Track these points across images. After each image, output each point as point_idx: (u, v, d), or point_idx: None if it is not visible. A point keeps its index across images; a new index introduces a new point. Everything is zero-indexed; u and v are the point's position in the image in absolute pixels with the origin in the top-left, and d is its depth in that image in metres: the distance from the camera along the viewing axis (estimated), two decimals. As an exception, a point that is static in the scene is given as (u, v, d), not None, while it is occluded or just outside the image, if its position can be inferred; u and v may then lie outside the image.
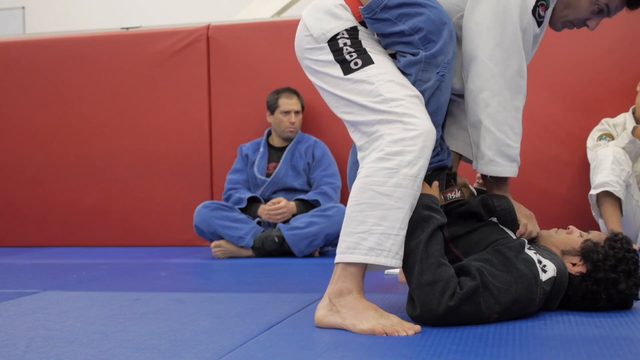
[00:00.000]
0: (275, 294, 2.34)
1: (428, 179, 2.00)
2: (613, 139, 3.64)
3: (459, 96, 2.19)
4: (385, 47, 2.04)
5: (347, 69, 1.98)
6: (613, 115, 3.79)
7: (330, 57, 2.01)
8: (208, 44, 4.46)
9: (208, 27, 4.48)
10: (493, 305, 1.80)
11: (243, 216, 3.85)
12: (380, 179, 1.84)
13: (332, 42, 2.00)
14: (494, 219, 2.04)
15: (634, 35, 3.91)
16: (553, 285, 1.90)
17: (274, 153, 4.11)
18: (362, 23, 2.02)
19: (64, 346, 1.75)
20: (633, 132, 3.48)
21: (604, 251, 1.94)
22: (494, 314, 1.82)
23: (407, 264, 1.84)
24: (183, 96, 4.48)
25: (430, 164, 1.98)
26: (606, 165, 3.38)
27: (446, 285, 1.77)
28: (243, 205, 3.92)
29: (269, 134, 4.18)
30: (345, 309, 1.82)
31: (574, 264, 1.97)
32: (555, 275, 1.89)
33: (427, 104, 1.94)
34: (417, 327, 1.77)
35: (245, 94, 4.40)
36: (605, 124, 3.73)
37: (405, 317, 1.91)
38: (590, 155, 3.67)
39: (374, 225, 1.83)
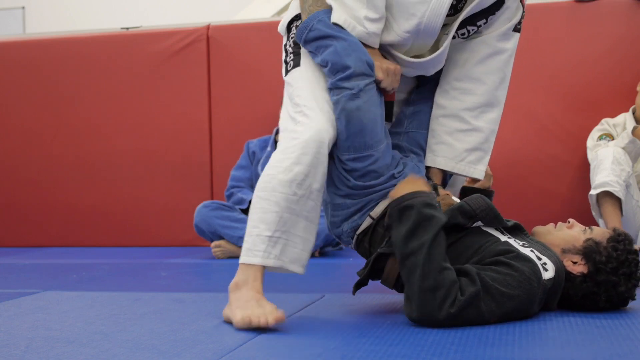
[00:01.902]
0: (275, 294, 2.33)
1: None
2: (613, 139, 3.64)
3: (443, 117, 2.22)
4: None
5: (285, 70, 2.14)
6: (613, 115, 3.79)
7: (283, 56, 2.18)
8: (208, 44, 4.46)
9: (208, 27, 4.48)
10: (494, 309, 1.79)
11: (243, 216, 3.85)
12: (262, 185, 1.97)
13: (287, 36, 2.17)
14: (479, 223, 1.98)
15: (634, 35, 3.91)
16: (552, 285, 1.89)
17: None
18: None
19: (64, 346, 1.75)
20: (633, 132, 3.48)
21: (607, 252, 1.91)
22: (495, 317, 1.81)
23: (407, 265, 1.81)
24: (183, 96, 4.48)
25: (384, 189, 2.03)
26: (606, 165, 3.38)
27: (448, 292, 1.75)
28: (244, 206, 3.91)
29: (278, 131, 4.17)
30: (234, 301, 1.93)
31: (574, 262, 1.94)
32: (554, 275, 1.88)
33: (349, 125, 1.99)
34: (280, 316, 1.83)
35: (245, 94, 4.40)
36: (605, 124, 3.73)
37: (400, 319, 1.91)
38: (590, 155, 3.67)
39: (252, 227, 1.95)
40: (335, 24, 2.06)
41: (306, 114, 1.99)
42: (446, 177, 2.29)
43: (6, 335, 1.90)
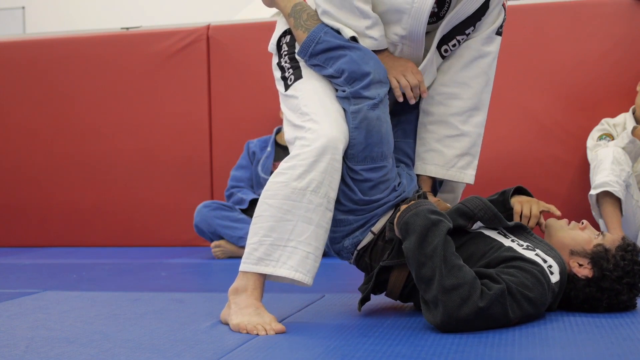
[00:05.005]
0: (275, 294, 2.34)
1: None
2: (613, 139, 3.64)
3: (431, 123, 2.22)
4: None
5: (286, 85, 2.12)
6: (613, 115, 3.79)
7: (279, 74, 2.16)
8: (208, 44, 4.45)
9: (208, 27, 4.48)
10: (516, 309, 1.77)
11: (243, 216, 3.85)
12: (272, 192, 1.94)
13: (278, 54, 2.16)
14: (478, 224, 1.98)
15: (634, 35, 3.91)
16: (558, 288, 1.89)
17: (281, 152, 4.10)
18: None
19: (64, 346, 1.75)
20: (633, 132, 3.47)
21: (615, 261, 1.91)
22: (517, 318, 1.78)
23: (425, 272, 1.76)
24: (183, 96, 4.48)
25: (387, 202, 2.01)
26: (606, 165, 3.38)
27: (472, 287, 1.71)
28: (244, 206, 3.91)
29: (278, 131, 4.17)
30: (234, 305, 1.93)
31: (580, 264, 1.94)
32: (559, 278, 1.88)
33: (368, 135, 1.98)
34: (281, 328, 1.83)
35: (245, 94, 4.40)
36: (605, 124, 3.73)
37: (400, 319, 1.91)
38: (590, 155, 3.67)
39: (263, 236, 1.93)
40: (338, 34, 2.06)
41: (315, 120, 1.96)
42: (435, 183, 2.29)
43: (6, 335, 1.90)
